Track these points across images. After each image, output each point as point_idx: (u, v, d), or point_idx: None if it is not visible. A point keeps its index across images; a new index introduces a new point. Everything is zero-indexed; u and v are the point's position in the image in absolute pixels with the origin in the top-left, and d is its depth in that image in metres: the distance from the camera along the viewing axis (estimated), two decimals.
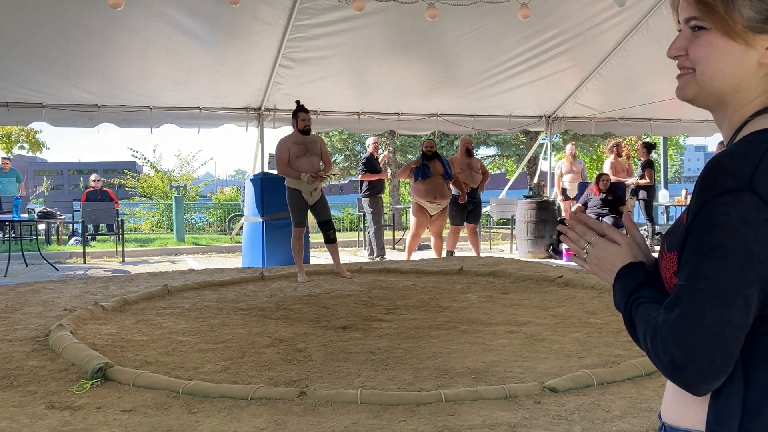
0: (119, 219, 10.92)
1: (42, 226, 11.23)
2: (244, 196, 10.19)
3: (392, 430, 2.59)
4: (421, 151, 8.46)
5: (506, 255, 9.27)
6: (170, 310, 4.99)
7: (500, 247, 11.32)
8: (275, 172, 6.96)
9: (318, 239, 8.72)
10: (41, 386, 3.20)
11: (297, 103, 6.47)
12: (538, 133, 12.09)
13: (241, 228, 10.09)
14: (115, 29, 7.08)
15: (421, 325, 4.41)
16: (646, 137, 12.41)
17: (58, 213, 10.32)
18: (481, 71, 8.98)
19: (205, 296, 5.58)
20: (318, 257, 9.29)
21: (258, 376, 3.33)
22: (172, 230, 13.14)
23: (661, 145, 14.87)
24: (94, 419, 2.76)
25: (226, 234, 13.80)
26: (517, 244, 9.90)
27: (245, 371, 3.43)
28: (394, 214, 12.76)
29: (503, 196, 12.19)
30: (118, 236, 10.47)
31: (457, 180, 8.62)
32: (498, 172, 24.83)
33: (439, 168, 8.26)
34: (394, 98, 9.27)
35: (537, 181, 11.19)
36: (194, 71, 8.08)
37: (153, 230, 15.94)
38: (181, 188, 14.72)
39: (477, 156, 21.48)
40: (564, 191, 11.27)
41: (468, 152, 9.05)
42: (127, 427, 2.66)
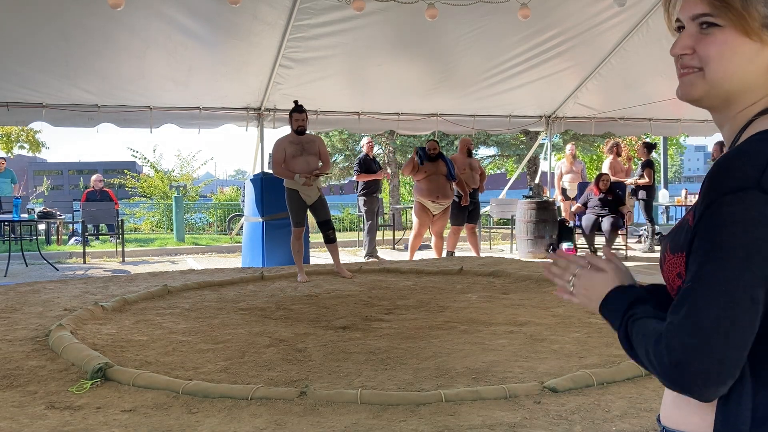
0: (119, 219, 10.91)
1: (42, 226, 11.23)
2: (244, 196, 10.19)
3: (392, 430, 2.59)
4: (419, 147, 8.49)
5: (506, 255, 9.27)
6: (170, 310, 4.99)
7: (500, 247, 11.32)
8: None
9: (318, 239, 8.72)
10: (41, 386, 3.20)
11: (295, 103, 6.47)
12: (538, 133, 12.09)
13: (241, 228, 10.09)
14: (115, 29, 7.08)
15: (421, 325, 4.41)
16: (646, 137, 12.41)
17: (58, 213, 10.31)
18: (481, 71, 8.98)
19: (205, 296, 5.58)
20: (318, 257, 9.29)
21: (258, 376, 3.33)
22: (172, 230, 13.14)
23: (661, 145, 14.86)
24: (94, 419, 2.76)
25: (226, 234, 13.80)
26: (517, 244, 9.90)
27: (245, 371, 3.43)
28: (394, 214, 12.76)
29: (503, 196, 12.19)
30: (118, 236, 10.47)
31: (461, 181, 8.62)
32: (498, 172, 24.82)
33: (442, 168, 8.25)
34: (394, 98, 9.26)
35: (538, 182, 11.18)
36: (194, 71, 8.08)
37: (153, 230, 15.95)
38: (181, 188, 14.72)
39: (477, 156, 21.64)
40: (564, 191, 11.27)
41: (469, 152, 9.07)
42: (127, 427, 2.66)
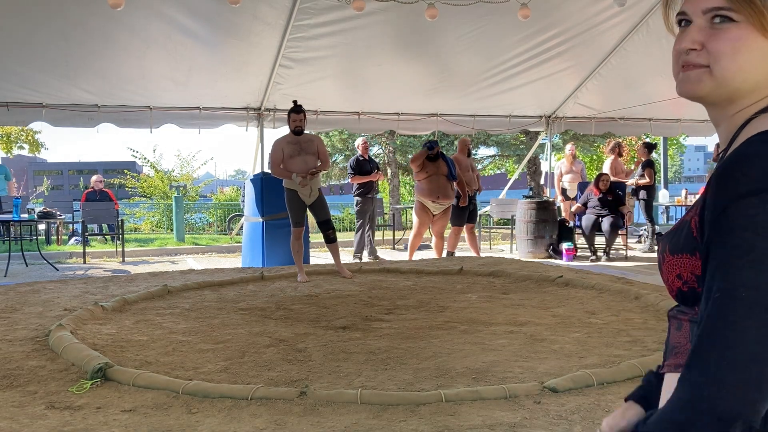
0: (119, 219, 10.91)
1: (42, 226, 11.22)
2: (244, 196, 10.19)
3: (392, 430, 2.59)
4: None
5: (506, 255, 9.27)
6: (170, 310, 4.99)
7: (500, 247, 11.32)
8: None
9: (318, 239, 8.73)
10: (41, 386, 3.20)
11: (294, 102, 6.45)
12: (538, 133, 12.09)
13: (241, 228, 10.09)
14: (115, 29, 7.08)
15: (421, 325, 4.41)
16: (646, 137, 12.41)
17: (58, 213, 10.31)
18: (481, 71, 8.98)
19: (205, 296, 5.58)
20: (318, 257, 9.29)
21: (258, 376, 3.33)
22: (172, 230, 13.14)
23: (661, 145, 14.85)
24: (94, 419, 2.76)
25: (226, 234, 13.79)
26: (517, 244, 9.89)
27: (245, 371, 3.43)
28: (394, 214, 12.76)
29: (503, 196, 12.18)
30: (118, 236, 10.47)
31: (461, 181, 8.61)
32: (498, 172, 24.82)
33: (443, 168, 8.24)
34: (394, 98, 9.27)
35: (540, 183, 11.18)
36: (194, 71, 8.08)
37: (153, 230, 15.94)
38: (181, 188, 14.71)
39: (476, 156, 21.67)
40: (564, 191, 11.26)
41: (469, 152, 9.08)
42: (127, 427, 2.66)
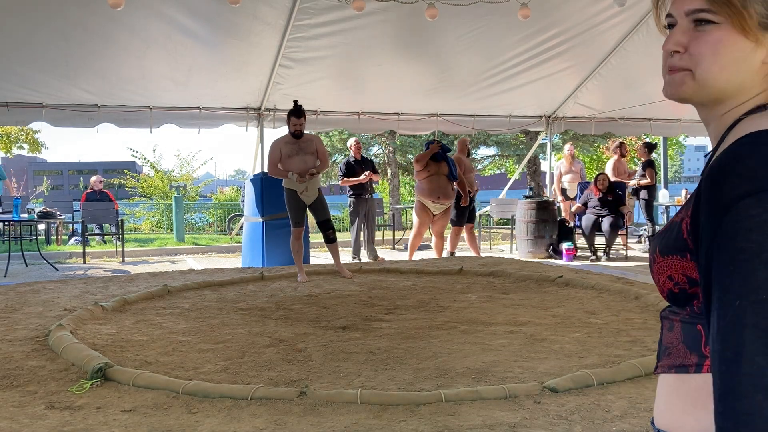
0: (119, 219, 10.91)
1: (42, 226, 11.22)
2: (244, 196, 10.19)
3: (392, 430, 2.59)
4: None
5: (506, 255, 9.27)
6: (170, 310, 4.99)
7: (500, 247, 11.32)
8: None
9: (318, 239, 8.72)
10: (41, 386, 3.20)
11: (294, 103, 6.43)
12: (538, 133, 12.09)
13: (241, 228, 10.09)
14: (115, 29, 7.07)
15: (421, 325, 4.41)
16: (646, 137, 12.40)
17: (58, 213, 10.31)
18: (481, 71, 8.98)
19: (205, 296, 5.58)
20: (318, 257, 9.29)
21: (258, 376, 3.33)
22: (171, 230, 13.14)
23: (661, 145, 14.84)
24: (94, 419, 2.76)
25: (226, 234, 13.79)
26: (517, 244, 9.89)
27: (245, 371, 3.43)
28: (394, 214, 12.75)
29: (503, 196, 12.18)
30: (119, 236, 10.47)
31: (462, 181, 8.61)
32: (498, 172, 24.81)
33: (444, 168, 8.24)
34: (394, 98, 9.26)
35: (541, 183, 11.18)
36: (194, 71, 8.08)
37: (153, 230, 15.94)
38: (181, 188, 14.71)
39: (476, 156, 21.67)
40: (564, 191, 11.26)
41: (468, 152, 9.09)
42: (127, 427, 2.66)
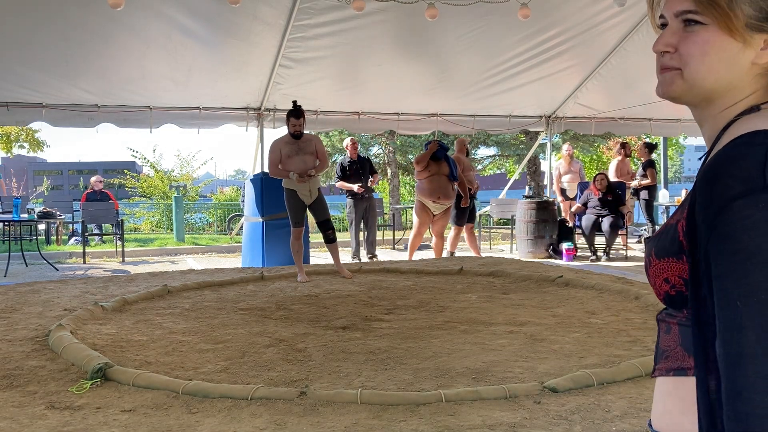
0: (119, 219, 10.91)
1: (42, 226, 11.22)
2: (244, 196, 10.19)
3: (392, 430, 2.59)
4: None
5: (506, 255, 9.27)
6: (170, 310, 4.99)
7: (500, 247, 11.32)
8: None
9: (318, 239, 8.72)
10: (41, 386, 3.20)
11: (293, 103, 6.43)
12: (538, 133, 12.09)
13: (241, 228, 10.09)
14: (115, 29, 7.07)
15: (421, 325, 4.41)
16: (646, 137, 12.40)
17: (58, 213, 10.31)
18: (481, 71, 8.98)
19: (205, 296, 5.58)
20: (318, 257, 9.29)
21: (258, 376, 3.33)
22: (171, 230, 13.13)
23: (661, 145, 14.85)
24: (94, 419, 2.76)
25: (226, 234, 13.79)
26: (517, 244, 9.89)
27: (245, 371, 3.43)
28: (394, 214, 12.75)
29: (503, 196, 12.18)
30: (119, 236, 10.47)
31: (462, 181, 8.61)
32: (498, 172, 24.81)
33: (444, 168, 8.24)
34: (394, 98, 9.26)
35: (542, 183, 11.18)
36: (194, 71, 8.08)
37: (153, 230, 15.94)
38: (181, 188, 14.71)
39: (476, 156, 21.67)
40: (563, 191, 11.26)
41: (467, 152, 9.10)
42: (127, 427, 2.66)
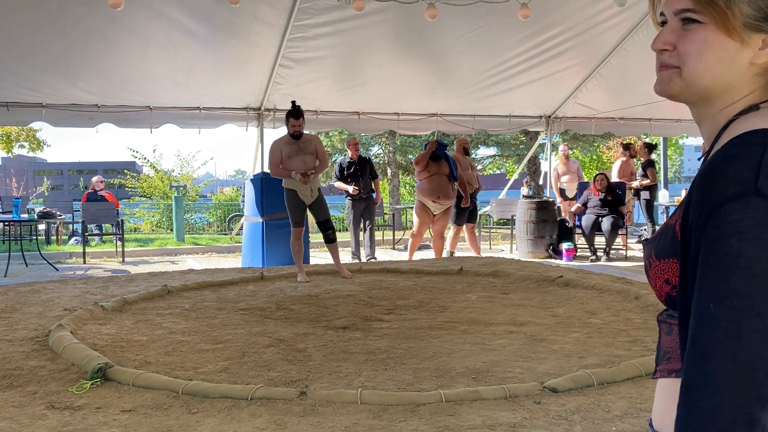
0: (119, 219, 10.91)
1: (42, 226, 11.22)
2: (244, 196, 10.19)
3: (392, 430, 2.59)
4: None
5: (506, 255, 9.27)
6: (170, 310, 4.99)
7: (500, 247, 11.32)
8: None
9: (318, 239, 8.72)
10: (41, 386, 3.20)
11: (292, 104, 6.42)
12: (538, 133, 12.09)
13: (241, 228, 10.09)
14: (115, 29, 7.07)
15: (421, 325, 4.41)
16: (646, 137, 12.41)
17: (58, 213, 10.31)
18: (481, 71, 8.98)
19: (205, 296, 5.58)
20: (318, 257, 9.29)
21: (258, 376, 3.33)
22: (172, 230, 13.13)
23: (661, 146, 14.85)
24: (93, 419, 2.76)
25: (226, 234, 13.79)
26: (517, 244, 9.89)
27: (245, 371, 3.43)
28: (394, 214, 12.75)
29: (503, 196, 12.18)
30: (119, 236, 10.46)
31: (462, 181, 8.60)
32: (498, 172, 24.82)
33: (444, 168, 8.24)
34: (394, 98, 9.26)
35: (539, 183, 11.18)
36: (194, 71, 8.08)
37: (153, 230, 15.94)
38: (181, 188, 14.71)
39: (477, 156, 21.66)
40: (562, 192, 11.26)
41: (466, 151, 9.07)
42: (127, 427, 2.66)
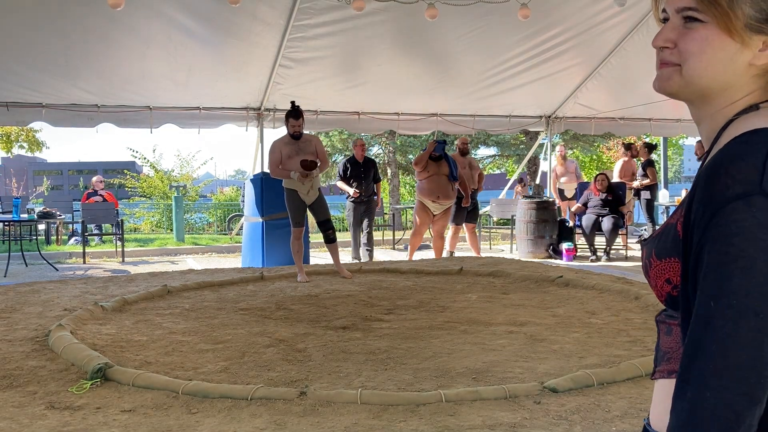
0: (119, 219, 10.91)
1: (42, 226, 11.22)
2: (243, 196, 10.19)
3: (392, 430, 2.59)
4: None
5: (506, 255, 9.27)
6: (170, 310, 4.99)
7: (500, 247, 11.31)
8: None
9: (318, 239, 8.72)
10: (41, 386, 3.19)
11: (292, 104, 6.41)
12: (538, 133, 12.09)
13: (241, 228, 10.09)
14: (115, 29, 7.07)
15: (421, 325, 4.41)
16: (646, 137, 12.40)
17: (58, 213, 10.31)
18: (481, 71, 8.98)
19: (205, 296, 5.58)
20: (318, 257, 9.29)
21: (258, 376, 3.33)
22: (171, 230, 13.13)
23: (661, 146, 14.86)
24: (93, 419, 2.76)
25: (225, 234, 13.79)
26: (517, 244, 9.89)
27: (245, 371, 3.42)
28: (394, 214, 12.75)
29: (503, 196, 12.19)
30: (119, 236, 10.46)
31: (463, 181, 8.60)
32: (498, 172, 24.83)
33: (444, 168, 8.24)
34: (394, 98, 9.26)
35: (536, 182, 11.19)
36: (194, 71, 8.08)
37: (153, 230, 15.93)
38: (181, 188, 14.70)
39: (477, 156, 21.66)
40: (561, 192, 11.26)
41: (462, 152, 9.07)
42: (127, 427, 2.66)
